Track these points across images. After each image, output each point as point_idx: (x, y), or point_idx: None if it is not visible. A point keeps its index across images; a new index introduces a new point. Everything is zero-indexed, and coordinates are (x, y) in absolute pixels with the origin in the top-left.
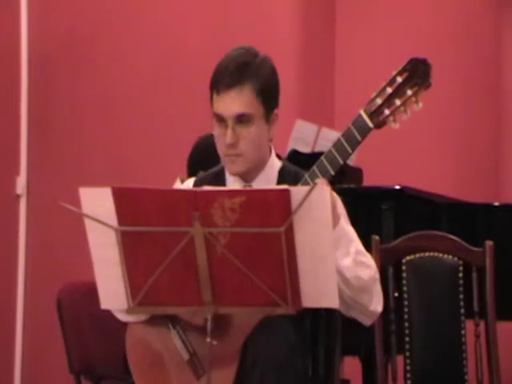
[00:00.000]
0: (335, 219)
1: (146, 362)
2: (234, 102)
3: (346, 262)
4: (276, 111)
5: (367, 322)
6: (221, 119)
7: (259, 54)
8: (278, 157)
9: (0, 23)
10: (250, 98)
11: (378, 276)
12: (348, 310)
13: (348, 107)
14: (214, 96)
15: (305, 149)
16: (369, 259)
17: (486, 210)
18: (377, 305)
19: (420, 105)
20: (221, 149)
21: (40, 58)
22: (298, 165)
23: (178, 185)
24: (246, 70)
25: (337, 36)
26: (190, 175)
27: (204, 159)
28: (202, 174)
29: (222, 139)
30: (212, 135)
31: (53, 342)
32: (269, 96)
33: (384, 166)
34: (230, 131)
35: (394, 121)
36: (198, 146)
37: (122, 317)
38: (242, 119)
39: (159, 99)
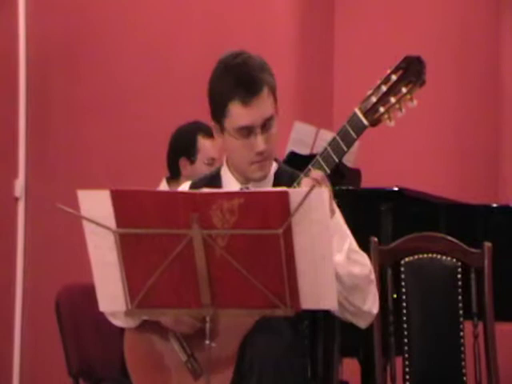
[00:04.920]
0: (331, 213)
1: (144, 363)
2: (260, 108)
3: (339, 258)
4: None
5: (362, 324)
6: (248, 130)
7: (252, 54)
8: (275, 159)
9: None
10: (270, 100)
11: (373, 277)
12: (343, 312)
13: (346, 109)
14: (236, 109)
15: (303, 151)
16: (363, 258)
17: (484, 211)
18: (371, 306)
19: (415, 102)
20: (246, 158)
21: (38, 60)
22: (297, 167)
23: (163, 185)
24: (260, 74)
25: (335, 37)
26: (170, 165)
27: (185, 147)
28: (198, 178)
29: (249, 149)
30: (191, 124)
31: (51, 345)
32: (275, 92)
33: (382, 167)
34: (260, 138)
35: (389, 118)
36: (177, 135)
37: (115, 321)
38: (267, 122)
39: (158, 101)
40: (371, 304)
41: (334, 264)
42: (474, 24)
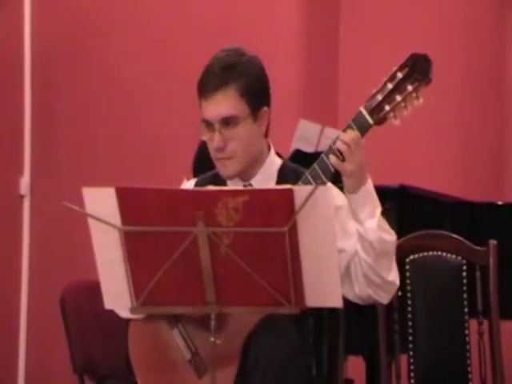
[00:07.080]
0: (364, 178)
1: (148, 359)
2: (218, 105)
3: (371, 224)
4: (265, 109)
5: (384, 298)
6: (208, 123)
7: (245, 54)
8: (279, 155)
9: (3, 24)
10: (234, 100)
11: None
12: (365, 288)
13: (352, 107)
14: (201, 102)
15: (308, 148)
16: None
17: (489, 209)
18: (395, 276)
19: (421, 100)
20: (212, 153)
21: (43, 59)
22: (302, 164)
23: (185, 185)
24: (228, 72)
25: (340, 35)
26: (194, 169)
27: (209, 160)
28: (202, 175)
29: (211, 143)
30: None
31: (56, 342)
32: (254, 95)
33: (386, 164)
34: (216, 135)
35: (395, 117)
36: (203, 147)
37: (124, 314)
38: (227, 122)
39: (162, 99)
40: (395, 274)
41: (366, 229)
42: (479, 22)
